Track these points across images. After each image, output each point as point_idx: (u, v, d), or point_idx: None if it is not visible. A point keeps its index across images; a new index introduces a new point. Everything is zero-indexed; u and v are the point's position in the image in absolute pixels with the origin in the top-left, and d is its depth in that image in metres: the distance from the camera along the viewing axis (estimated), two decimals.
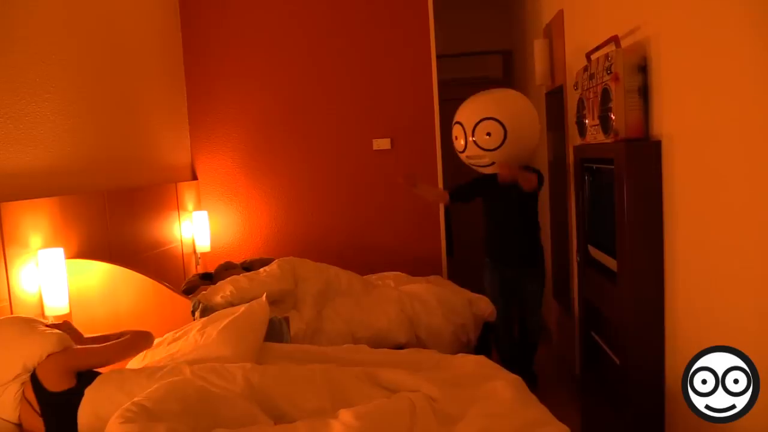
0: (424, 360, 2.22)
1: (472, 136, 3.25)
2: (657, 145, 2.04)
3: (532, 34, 4.50)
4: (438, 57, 4.08)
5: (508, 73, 5.87)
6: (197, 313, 2.66)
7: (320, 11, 4.10)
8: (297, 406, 1.86)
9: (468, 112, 3.33)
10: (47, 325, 2.05)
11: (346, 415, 1.71)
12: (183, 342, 2.20)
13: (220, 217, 4.21)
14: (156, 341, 2.24)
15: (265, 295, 2.53)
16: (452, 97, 4.05)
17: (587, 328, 2.77)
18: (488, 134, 3.20)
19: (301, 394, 1.90)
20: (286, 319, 2.61)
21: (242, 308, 2.33)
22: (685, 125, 1.87)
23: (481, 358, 2.16)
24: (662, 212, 2.04)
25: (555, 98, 3.81)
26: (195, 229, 4.05)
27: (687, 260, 1.90)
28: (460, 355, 2.25)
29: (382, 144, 4.10)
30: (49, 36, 2.71)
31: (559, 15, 3.51)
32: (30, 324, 2.01)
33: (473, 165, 3.39)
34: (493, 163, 3.27)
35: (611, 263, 2.33)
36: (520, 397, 1.85)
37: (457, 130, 3.37)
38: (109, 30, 3.25)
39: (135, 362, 2.24)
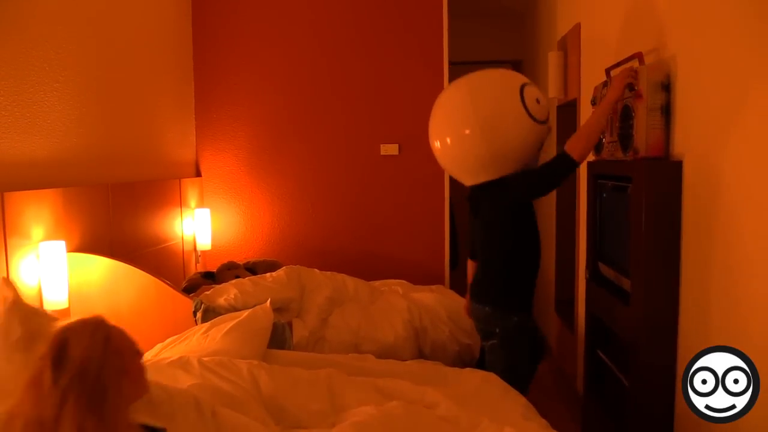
0: (430, 372, 2.18)
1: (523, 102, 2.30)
2: (678, 165, 2.01)
3: (545, 46, 4.47)
4: (449, 64, 4.05)
5: None
6: (199, 314, 2.61)
7: (333, 13, 4.07)
8: (300, 407, 1.86)
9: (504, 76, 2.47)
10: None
11: (349, 426, 1.67)
12: (186, 345, 2.16)
13: (223, 216, 4.16)
14: (157, 346, 2.21)
15: (269, 301, 2.49)
16: None
17: (593, 347, 2.72)
18: (537, 101, 2.34)
19: (305, 394, 1.90)
20: (289, 324, 2.57)
21: (246, 313, 2.29)
22: (708, 146, 1.84)
23: (491, 375, 2.11)
24: (680, 234, 2.00)
25: (567, 112, 3.78)
26: (197, 226, 4.00)
27: (704, 283, 1.86)
28: (467, 369, 2.21)
29: (389, 149, 4.06)
30: (60, 25, 2.67)
31: (576, 28, 3.48)
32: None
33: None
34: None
35: (623, 282, 2.29)
36: (530, 418, 1.82)
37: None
38: (120, 23, 3.20)
39: None
